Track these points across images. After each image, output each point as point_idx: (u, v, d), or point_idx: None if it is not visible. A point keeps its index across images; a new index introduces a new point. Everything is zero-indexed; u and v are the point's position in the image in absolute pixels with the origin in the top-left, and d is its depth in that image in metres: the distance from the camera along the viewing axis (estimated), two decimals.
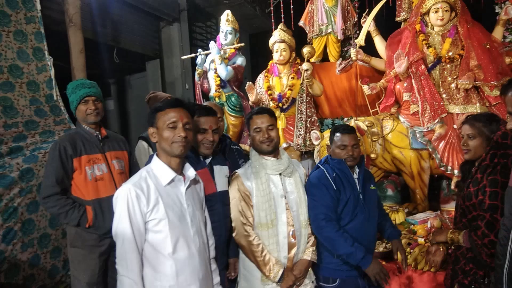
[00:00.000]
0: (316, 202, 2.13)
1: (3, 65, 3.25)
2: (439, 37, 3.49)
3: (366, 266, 2.02)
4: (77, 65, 3.92)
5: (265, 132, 2.08)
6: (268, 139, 2.08)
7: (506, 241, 1.42)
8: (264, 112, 2.15)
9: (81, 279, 2.38)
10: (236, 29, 4.30)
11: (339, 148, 2.23)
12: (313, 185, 2.18)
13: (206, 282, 1.77)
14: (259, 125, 2.10)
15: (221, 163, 2.22)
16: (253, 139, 2.13)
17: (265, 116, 2.12)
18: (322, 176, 2.19)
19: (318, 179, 2.18)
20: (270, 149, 2.10)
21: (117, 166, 2.49)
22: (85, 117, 2.43)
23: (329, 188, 2.14)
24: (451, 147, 3.30)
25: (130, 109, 7.10)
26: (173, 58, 6.60)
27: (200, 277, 1.71)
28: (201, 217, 1.83)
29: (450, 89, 3.43)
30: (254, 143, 2.14)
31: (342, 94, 4.38)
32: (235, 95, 4.28)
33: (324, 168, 2.23)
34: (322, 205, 2.11)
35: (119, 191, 1.63)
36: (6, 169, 3.08)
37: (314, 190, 2.16)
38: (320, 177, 2.19)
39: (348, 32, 4.51)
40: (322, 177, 2.19)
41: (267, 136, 2.08)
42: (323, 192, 2.13)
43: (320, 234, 2.11)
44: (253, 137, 2.13)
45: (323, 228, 2.08)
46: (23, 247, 3.13)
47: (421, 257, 2.61)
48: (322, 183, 2.16)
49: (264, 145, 2.09)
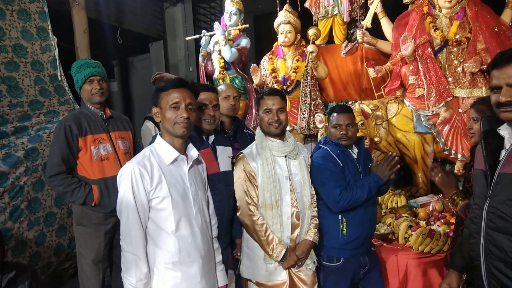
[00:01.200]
0: (326, 178, 2.16)
1: (7, 44, 3.24)
2: (446, 20, 3.44)
3: (382, 181, 2.18)
4: (81, 45, 3.89)
5: (275, 114, 2.07)
6: (277, 122, 2.07)
7: (479, 219, 1.45)
8: (276, 94, 2.13)
9: (87, 256, 2.43)
10: (241, 10, 4.25)
11: (333, 128, 2.26)
12: (319, 163, 2.20)
13: (209, 260, 1.80)
14: (270, 106, 2.08)
15: (224, 144, 2.23)
16: (262, 120, 2.11)
17: (276, 98, 2.11)
18: (327, 154, 2.22)
19: (323, 158, 2.21)
20: (277, 132, 2.09)
21: (122, 146, 2.51)
22: (90, 96, 2.44)
23: (336, 164, 2.19)
24: (456, 131, 3.29)
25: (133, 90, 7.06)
26: (177, 39, 6.53)
27: (203, 254, 1.74)
28: (203, 196, 1.85)
29: (456, 73, 3.40)
30: (262, 124, 2.13)
31: (347, 77, 4.34)
32: (239, 77, 4.25)
33: (327, 147, 2.26)
34: (332, 179, 2.15)
35: (123, 169, 1.65)
36: (11, 148, 3.11)
37: (322, 167, 2.18)
38: (325, 155, 2.22)
39: (354, 14, 4.43)
40: (327, 155, 2.22)
41: (277, 119, 2.07)
42: (330, 167, 2.17)
43: (339, 205, 2.13)
44: (261, 118, 2.12)
45: (341, 199, 2.11)
46: (29, 225, 3.19)
47: (422, 240, 2.63)
48: (328, 160, 2.19)
49: (272, 127, 2.08)
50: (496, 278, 1.37)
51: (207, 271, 1.78)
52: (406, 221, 2.86)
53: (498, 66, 1.34)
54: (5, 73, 3.21)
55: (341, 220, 2.18)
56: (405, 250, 2.67)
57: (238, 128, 2.69)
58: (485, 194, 1.42)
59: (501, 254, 1.35)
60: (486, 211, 1.41)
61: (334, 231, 2.20)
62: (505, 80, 1.31)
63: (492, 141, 1.44)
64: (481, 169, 1.46)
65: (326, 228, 2.23)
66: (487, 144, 1.45)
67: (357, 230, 2.18)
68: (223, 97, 2.64)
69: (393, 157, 2.22)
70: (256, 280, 2.11)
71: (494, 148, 1.42)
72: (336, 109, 2.31)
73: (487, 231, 1.41)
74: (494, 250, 1.37)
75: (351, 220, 2.18)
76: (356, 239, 2.19)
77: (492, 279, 1.38)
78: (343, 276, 2.21)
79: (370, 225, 2.27)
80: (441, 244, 2.59)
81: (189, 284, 1.69)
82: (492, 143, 1.44)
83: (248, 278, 2.15)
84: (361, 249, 2.22)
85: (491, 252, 1.38)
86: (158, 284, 1.65)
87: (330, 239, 2.22)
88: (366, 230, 2.24)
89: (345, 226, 2.18)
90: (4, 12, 3.24)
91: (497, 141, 1.42)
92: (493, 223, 1.38)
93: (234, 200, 2.17)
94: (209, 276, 1.80)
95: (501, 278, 1.34)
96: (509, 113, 1.32)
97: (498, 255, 1.36)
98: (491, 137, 1.45)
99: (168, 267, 1.66)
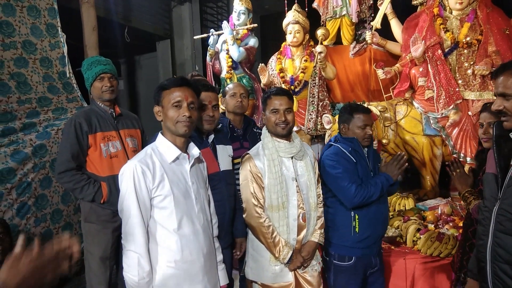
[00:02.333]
0: (341, 174, 2.14)
1: (17, 40, 3.25)
2: (457, 22, 3.42)
3: (392, 180, 2.19)
4: (90, 43, 3.90)
5: (282, 114, 2.05)
6: (284, 122, 2.04)
7: (488, 221, 1.49)
8: (283, 94, 2.11)
9: (94, 253, 2.42)
10: (249, 9, 4.24)
11: (360, 128, 2.23)
12: (333, 160, 2.19)
13: (210, 258, 1.80)
14: (277, 106, 2.06)
15: (224, 143, 2.22)
16: (268, 120, 2.09)
17: (284, 98, 2.08)
18: (339, 152, 2.21)
19: (336, 155, 2.20)
20: (284, 133, 2.07)
21: (130, 143, 2.50)
22: (101, 94, 2.43)
23: (349, 161, 2.18)
24: (465, 134, 3.27)
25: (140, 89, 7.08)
26: (184, 38, 6.53)
27: (205, 252, 1.74)
28: (205, 195, 1.84)
29: (466, 75, 3.37)
30: (268, 124, 2.10)
31: (355, 78, 4.32)
32: (246, 77, 4.24)
33: (339, 145, 2.25)
34: (347, 175, 2.13)
35: (125, 167, 1.64)
36: (19, 144, 3.12)
37: (335, 164, 2.17)
38: (338, 152, 2.21)
39: (363, 15, 4.40)
40: (339, 152, 2.20)
41: (284, 119, 2.04)
42: (344, 164, 2.16)
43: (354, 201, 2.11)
44: (268, 118, 2.09)
45: (357, 195, 2.09)
46: (36, 222, 3.20)
47: (431, 243, 2.61)
48: (342, 157, 2.18)
49: (279, 127, 2.05)
50: (501, 280, 1.39)
51: (209, 269, 1.77)
52: (415, 224, 2.83)
53: (494, 77, 1.46)
54: (14, 69, 3.22)
55: (354, 217, 2.16)
56: (413, 253, 2.65)
57: (248, 126, 2.68)
58: (495, 196, 1.44)
59: (508, 256, 1.37)
60: (496, 213, 1.44)
61: (346, 228, 2.18)
62: (496, 90, 1.43)
63: (504, 145, 1.47)
64: (492, 173, 1.48)
65: (338, 225, 2.21)
66: (499, 148, 1.48)
67: (369, 228, 2.17)
68: (230, 95, 2.64)
69: (402, 156, 2.23)
70: (262, 282, 2.10)
71: (506, 152, 1.46)
72: (361, 110, 2.28)
73: (495, 233, 1.44)
74: (501, 252, 1.39)
75: (364, 217, 2.17)
76: (368, 237, 2.17)
77: (498, 281, 1.40)
78: (354, 275, 2.20)
79: (381, 223, 2.26)
80: (450, 248, 2.56)
81: (191, 283, 1.69)
82: (504, 147, 1.46)
83: (254, 280, 2.14)
84: (373, 248, 2.21)
85: (498, 254, 1.41)
86: (160, 283, 1.65)
87: (341, 237, 2.20)
88: (378, 229, 2.24)
89: (357, 223, 2.16)
90: (14, 8, 3.25)
91: (510, 145, 1.45)
92: (502, 225, 1.41)
93: (235, 199, 2.16)
94: (211, 275, 1.79)
95: (507, 280, 1.37)
96: (507, 123, 1.41)
97: (505, 257, 1.38)
98: (503, 141, 1.47)
99: (170, 266, 1.65)
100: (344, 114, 2.32)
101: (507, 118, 1.40)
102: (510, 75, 1.39)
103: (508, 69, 1.41)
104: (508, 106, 1.39)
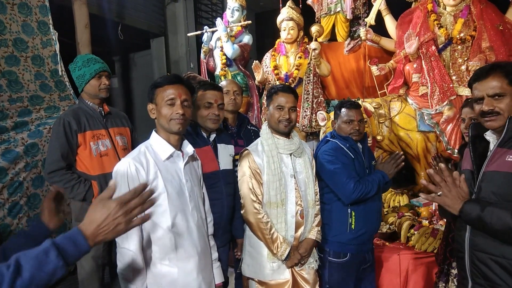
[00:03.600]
0: (339, 169, 2.14)
1: (8, 38, 3.21)
2: (451, 18, 3.41)
3: (387, 177, 2.22)
4: (82, 40, 3.87)
5: (286, 112, 2.04)
6: (287, 120, 2.04)
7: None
8: (290, 92, 2.10)
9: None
10: (243, 6, 4.22)
11: (345, 123, 2.24)
12: (330, 155, 2.19)
13: (205, 256, 1.79)
14: (283, 103, 2.05)
15: (226, 142, 2.20)
16: (272, 116, 2.08)
17: (290, 96, 2.08)
18: (337, 147, 2.22)
19: (334, 150, 2.21)
20: (286, 131, 2.07)
21: (120, 142, 2.50)
22: (97, 92, 2.43)
23: (348, 156, 2.19)
24: (459, 130, 3.26)
25: (134, 87, 7.03)
26: (178, 35, 6.50)
27: (199, 250, 1.73)
28: (199, 193, 1.83)
29: (460, 71, 3.37)
30: (271, 120, 2.09)
31: (350, 75, 4.31)
32: (241, 74, 4.23)
33: (336, 141, 2.25)
34: (345, 170, 2.14)
35: (118, 165, 1.63)
36: (11, 143, 3.09)
37: (333, 159, 2.17)
38: (336, 148, 2.22)
39: (357, 12, 4.40)
40: (338, 147, 2.22)
41: (288, 117, 2.04)
42: (342, 159, 2.17)
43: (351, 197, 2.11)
44: (272, 113, 2.08)
45: (355, 191, 2.09)
46: (28, 221, 3.17)
47: (425, 239, 2.62)
48: (340, 152, 2.19)
49: (282, 125, 2.05)
50: (478, 269, 1.46)
51: (204, 267, 1.76)
52: (409, 220, 2.84)
53: (479, 80, 1.50)
54: (5, 68, 3.19)
55: (350, 214, 2.17)
56: (407, 249, 2.66)
57: (242, 124, 2.66)
58: (471, 190, 1.52)
59: (484, 245, 1.45)
60: None
61: (342, 225, 2.18)
62: (486, 91, 1.47)
63: (479, 145, 1.58)
64: (469, 169, 1.59)
65: (334, 222, 2.21)
66: (474, 147, 1.59)
67: (365, 225, 2.18)
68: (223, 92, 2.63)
69: (400, 156, 2.26)
70: (259, 278, 2.09)
71: (481, 150, 1.57)
72: (347, 105, 2.29)
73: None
74: (477, 241, 1.47)
75: (360, 214, 2.18)
76: (364, 234, 2.19)
77: (475, 269, 1.48)
78: (349, 272, 2.21)
79: (376, 219, 2.29)
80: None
81: (185, 280, 1.68)
82: (479, 147, 1.58)
83: (250, 277, 2.13)
84: (367, 245, 2.25)
85: (474, 243, 1.48)
86: (154, 280, 1.63)
87: (337, 234, 2.20)
88: (373, 225, 2.25)
89: (354, 220, 2.17)
90: (5, 6, 3.21)
91: (484, 144, 1.57)
92: None
93: (233, 198, 2.15)
94: (206, 273, 1.78)
95: (483, 268, 1.44)
96: (492, 122, 1.47)
97: (481, 246, 1.45)
98: (478, 141, 1.59)
99: (164, 263, 1.64)
100: (335, 111, 2.36)
101: (495, 117, 1.46)
102: (500, 77, 1.45)
103: (494, 72, 1.47)
104: (503, 106, 1.45)
